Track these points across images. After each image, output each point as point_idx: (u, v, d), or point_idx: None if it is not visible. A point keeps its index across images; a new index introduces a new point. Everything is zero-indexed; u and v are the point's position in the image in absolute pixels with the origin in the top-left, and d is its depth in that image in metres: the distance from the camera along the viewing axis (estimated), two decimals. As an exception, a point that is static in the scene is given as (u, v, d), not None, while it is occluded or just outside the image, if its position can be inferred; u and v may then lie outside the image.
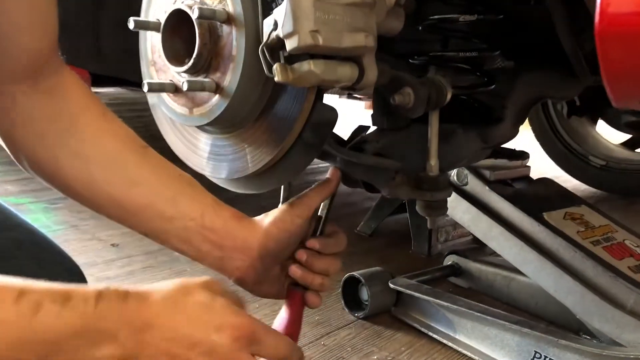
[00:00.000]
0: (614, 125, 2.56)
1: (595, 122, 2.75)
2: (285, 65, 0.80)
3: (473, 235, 1.42)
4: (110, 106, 0.74)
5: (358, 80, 0.84)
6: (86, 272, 0.73)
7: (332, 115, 0.91)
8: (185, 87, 0.88)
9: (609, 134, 2.74)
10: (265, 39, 0.81)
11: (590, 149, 2.66)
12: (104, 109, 0.75)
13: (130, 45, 1.09)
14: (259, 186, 1.00)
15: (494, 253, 1.39)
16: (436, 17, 1.11)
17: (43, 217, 1.85)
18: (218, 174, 1.01)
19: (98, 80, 1.68)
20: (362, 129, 1.08)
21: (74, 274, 0.72)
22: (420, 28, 1.15)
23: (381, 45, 0.85)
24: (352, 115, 2.86)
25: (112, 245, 1.65)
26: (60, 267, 0.72)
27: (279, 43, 0.79)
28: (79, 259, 0.73)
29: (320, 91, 0.89)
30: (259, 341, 0.57)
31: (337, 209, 0.93)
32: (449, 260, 1.53)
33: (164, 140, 1.11)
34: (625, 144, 2.73)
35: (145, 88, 0.94)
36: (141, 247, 1.64)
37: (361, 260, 1.68)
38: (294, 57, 0.80)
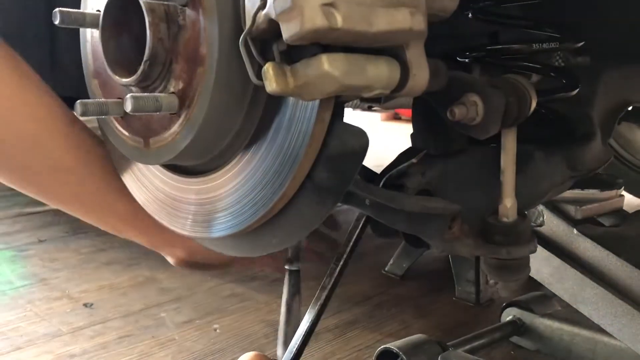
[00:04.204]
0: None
1: (644, 127, 2.43)
2: (283, 65, 0.49)
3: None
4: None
5: (400, 85, 0.52)
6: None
7: (359, 141, 0.58)
8: (129, 107, 0.57)
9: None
10: (249, 24, 0.50)
11: (645, 159, 2.35)
12: None
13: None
14: (252, 248, 0.68)
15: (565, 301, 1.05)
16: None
17: (7, 269, 1.54)
18: (193, 231, 0.69)
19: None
20: (410, 153, 0.75)
21: None
22: (469, 14, 0.84)
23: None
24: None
25: (85, 305, 1.33)
26: None
27: (271, 29, 0.48)
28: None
29: (339, 104, 0.57)
30: None
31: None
32: (508, 315, 1.20)
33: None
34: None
35: (78, 111, 0.63)
36: (120, 308, 1.33)
37: (392, 315, 1.36)
38: (296, 52, 0.49)
